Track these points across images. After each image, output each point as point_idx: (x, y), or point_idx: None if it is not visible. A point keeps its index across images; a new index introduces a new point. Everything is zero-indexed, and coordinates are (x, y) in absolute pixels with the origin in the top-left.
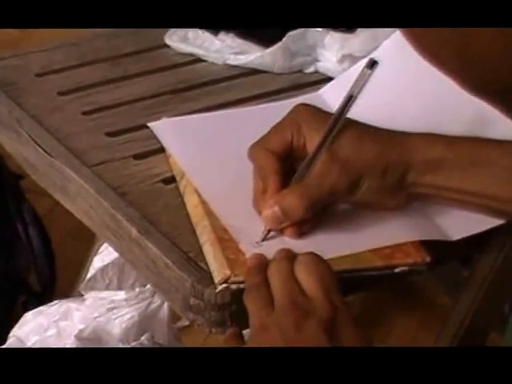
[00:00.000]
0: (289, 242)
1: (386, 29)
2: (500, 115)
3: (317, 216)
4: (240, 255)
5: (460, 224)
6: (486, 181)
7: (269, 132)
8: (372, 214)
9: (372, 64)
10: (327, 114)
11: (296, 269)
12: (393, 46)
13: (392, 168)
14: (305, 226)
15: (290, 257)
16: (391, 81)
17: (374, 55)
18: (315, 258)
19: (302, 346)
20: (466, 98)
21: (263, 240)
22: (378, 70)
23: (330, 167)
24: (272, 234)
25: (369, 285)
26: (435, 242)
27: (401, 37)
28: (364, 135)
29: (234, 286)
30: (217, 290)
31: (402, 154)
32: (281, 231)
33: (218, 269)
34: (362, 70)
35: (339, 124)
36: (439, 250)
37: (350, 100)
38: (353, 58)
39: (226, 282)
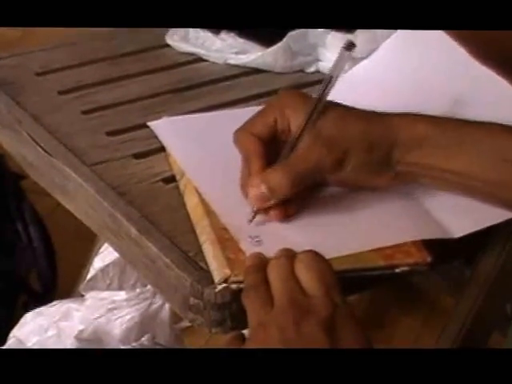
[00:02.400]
0: (289, 241)
1: (385, 30)
2: None
3: (303, 198)
4: (240, 254)
5: (462, 221)
6: (471, 161)
7: (253, 116)
8: (373, 213)
9: (350, 45)
10: (310, 97)
11: (296, 267)
12: (392, 47)
13: (377, 145)
14: (290, 207)
15: (289, 255)
16: (392, 81)
17: (374, 56)
18: (315, 255)
19: (301, 346)
20: (471, 91)
21: (251, 221)
22: (378, 71)
23: (314, 145)
24: (271, 231)
25: (369, 285)
26: (437, 242)
27: (400, 37)
28: (347, 114)
29: (233, 286)
30: (216, 290)
31: (386, 131)
32: (267, 213)
33: (217, 268)
34: (341, 52)
35: (321, 105)
36: (442, 249)
37: (330, 81)
38: (353, 60)
39: (225, 281)
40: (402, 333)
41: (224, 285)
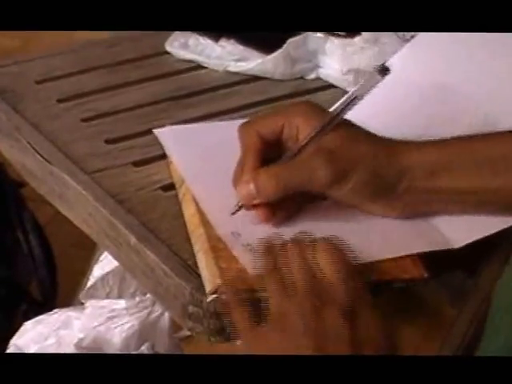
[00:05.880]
0: None
1: (394, 45)
2: None
3: (296, 206)
4: (233, 264)
5: (461, 231)
6: (485, 176)
7: (263, 115)
8: (371, 225)
9: (383, 70)
10: (325, 111)
11: (315, 253)
12: (400, 62)
13: (381, 172)
14: (280, 213)
15: (308, 241)
16: (399, 94)
17: (392, 60)
18: (334, 244)
19: (322, 333)
20: (470, 107)
21: (234, 214)
22: (385, 85)
23: (314, 156)
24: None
25: None
26: (438, 252)
27: (408, 52)
28: (356, 136)
29: (224, 296)
30: (208, 300)
31: (394, 159)
32: (252, 210)
33: (209, 278)
34: (372, 74)
35: (335, 121)
36: (443, 259)
37: (352, 101)
38: (356, 72)
39: (216, 292)
40: (404, 343)
41: (215, 295)
